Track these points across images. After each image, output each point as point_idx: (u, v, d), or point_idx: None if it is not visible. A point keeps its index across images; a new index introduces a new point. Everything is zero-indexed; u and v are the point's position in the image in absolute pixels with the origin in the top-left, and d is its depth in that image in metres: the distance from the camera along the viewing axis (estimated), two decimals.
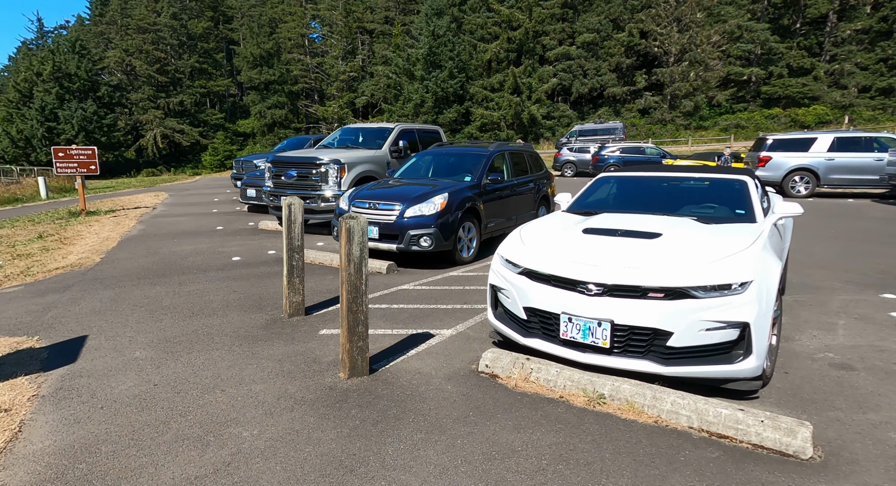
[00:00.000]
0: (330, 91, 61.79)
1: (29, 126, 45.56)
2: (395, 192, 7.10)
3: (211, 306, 5.05)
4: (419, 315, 4.84)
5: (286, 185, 9.28)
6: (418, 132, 11.05)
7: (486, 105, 47.65)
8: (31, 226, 11.50)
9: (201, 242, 8.59)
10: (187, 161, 54.96)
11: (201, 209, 13.28)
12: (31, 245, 8.99)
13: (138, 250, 7.91)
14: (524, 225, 4.37)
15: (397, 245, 6.58)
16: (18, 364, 3.62)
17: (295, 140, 16.82)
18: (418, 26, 48.94)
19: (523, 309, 3.61)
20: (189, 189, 20.88)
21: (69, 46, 48.81)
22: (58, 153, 12.08)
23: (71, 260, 7.40)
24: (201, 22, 64.34)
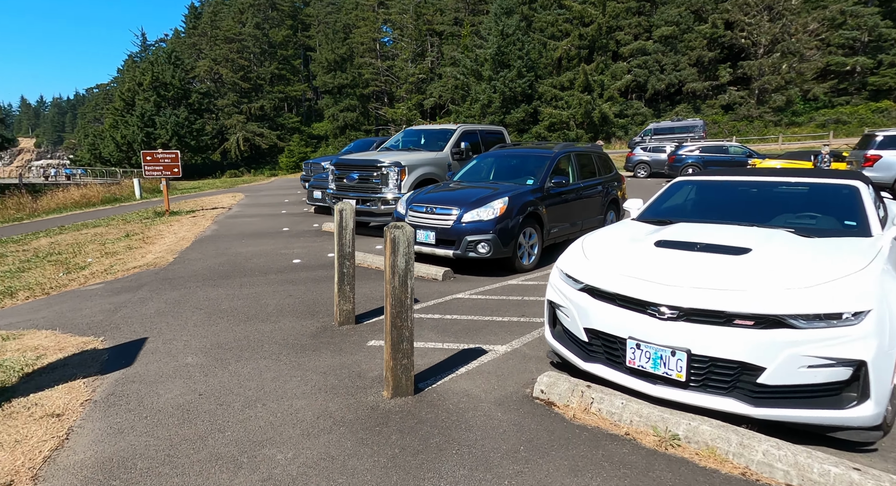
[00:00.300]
0: (399, 93, 62.93)
1: (131, 132, 50.02)
2: (453, 195, 6.87)
3: (266, 311, 5.06)
4: (473, 328, 4.57)
5: (348, 187, 9.33)
6: (481, 133, 10.77)
7: (555, 104, 46.49)
8: (122, 225, 12.42)
9: (266, 243, 8.81)
10: (266, 163, 58.07)
11: (271, 210, 13.77)
12: (118, 243, 9.64)
13: (208, 251, 8.23)
14: (587, 235, 3.98)
15: (454, 251, 6.34)
16: (80, 366, 3.73)
17: (361, 142, 17.08)
18: (487, 26, 48.62)
19: (584, 330, 3.24)
20: (264, 190, 21.86)
21: (166, 58, 53.10)
22: (146, 157, 12.96)
23: (148, 259, 7.81)
24: (281, 30, 67.74)
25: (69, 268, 8.02)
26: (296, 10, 73.88)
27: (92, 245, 9.83)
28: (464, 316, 4.89)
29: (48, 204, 20.76)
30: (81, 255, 8.99)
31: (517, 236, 6.50)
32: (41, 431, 2.81)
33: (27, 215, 19.36)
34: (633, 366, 2.98)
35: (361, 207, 9.09)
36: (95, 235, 11.04)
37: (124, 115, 52.05)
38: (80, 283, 6.90)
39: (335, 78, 61.83)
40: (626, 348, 3.01)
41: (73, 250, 9.52)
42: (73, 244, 10.23)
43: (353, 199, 9.16)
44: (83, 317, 5.03)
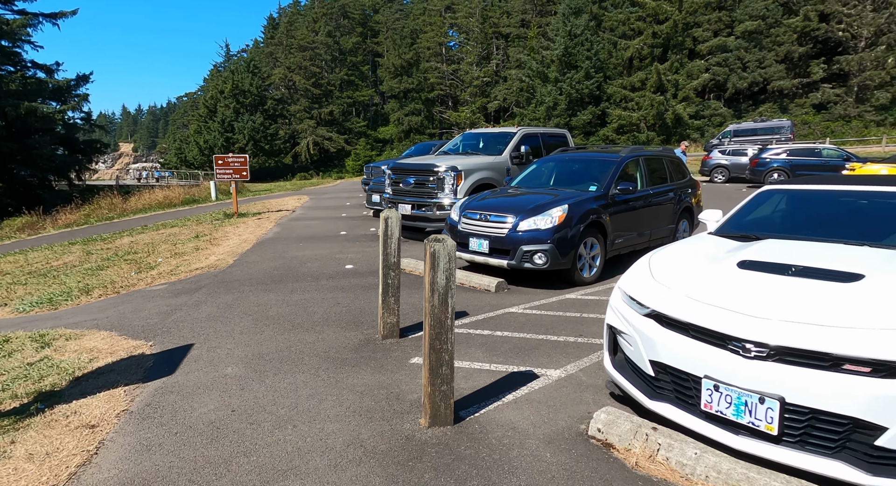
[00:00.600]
0: (463, 97, 63.01)
1: (212, 136, 53.35)
2: (509, 202, 6.51)
3: (311, 319, 4.95)
4: (524, 347, 4.20)
5: (404, 192, 9.20)
6: (542, 136, 10.31)
7: (625, 105, 44.67)
8: (194, 226, 13.04)
9: (322, 247, 8.85)
10: (333, 166, 60.04)
11: (332, 213, 13.97)
12: (188, 244, 10.07)
13: (267, 254, 8.36)
14: (655, 252, 3.51)
15: (508, 261, 5.99)
16: (125, 372, 3.75)
17: (421, 146, 17.03)
18: (554, 27, 47.61)
19: (650, 363, 2.80)
20: (328, 193, 22.42)
21: (245, 67, 56.29)
22: (218, 161, 13.55)
23: (210, 261, 8.04)
24: (352, 37, 69.96)
25: (141, 267, 8.43)
26: (366, 17, 76.07)
27: (164, 245, 10.33)
28: (516, 333, 4.53)
29: (135, 204, 22.39)
30: (154, 254, 9.45)
31: (577, 247, 6.04)
32: (73, 443, 2.77)
33: (117, 215, 20.97)
34: (710, 411, 2.52)
35: (417, 212, 8.93)
36: (169, 236, 11.64)
37: (207, 121, 55.67)
38: (147, 283, 7.19)
39: (401, 82, 62.97)
40: (701, 388, 2.55)
41: (147, 250, 10.04)
42: (148, 244, 10.82)
43: (409, 204, 9.02)
44: (140, 319, 5.16)
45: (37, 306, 6.93)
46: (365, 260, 7.70)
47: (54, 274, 9.08)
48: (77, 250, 11.61)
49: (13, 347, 4.64)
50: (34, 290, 8.14)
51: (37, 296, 7.47)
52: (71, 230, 18.02)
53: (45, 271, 9.60)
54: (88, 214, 20.78)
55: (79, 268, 9.35)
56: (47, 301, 7.04)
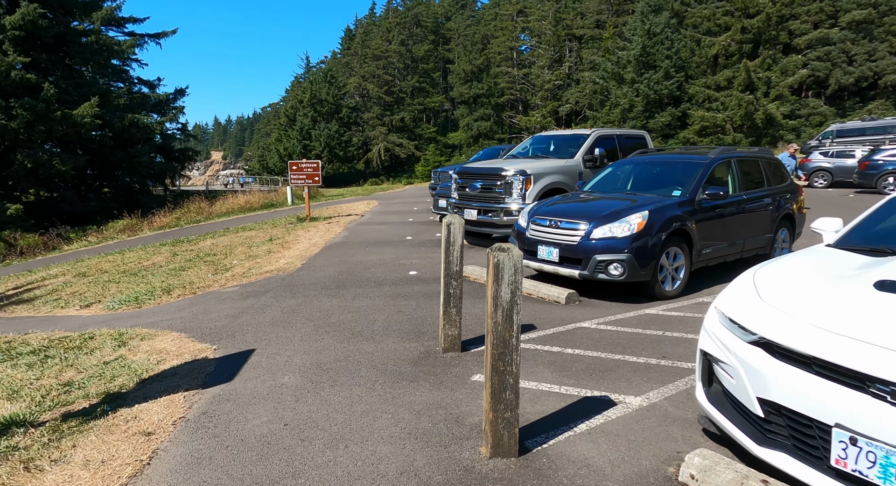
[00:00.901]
0: (534, 101, 62.11)
1: (291, 144, 56.19)
2: (581, 208, 6.07)
3: (372, 328, 4.80)
4: (599, 368, 3.78)
5: (470, 197, 8.95)
6: (619, 138, 9.69)
7: (709, 106, 41.96)
8: (269, 229, 13.56)
9: (388, 252, 8.79)
10: (403, 171, 61.23)
11: (399, 218, 14.02)
12: (261, 247, 10.41)
13: (333, 258, 8.41)
14: (761, 266, 2.99)
15: (580, 271, 5.54)
16: (188, 376, 3.75)
17: (490, 150, 16.76)
18: (632, 26, 45.74)
19: (758, 401, 2.33)
20: (396, 198, 22.69)
21: (322, 77, 58.91)
22: (292, 167, 14.03)
23: (280, 264, 8.20)
24: (424, 45, 71.22)
25: (217, 269, 8.78)
26: (438, 25, 77.18)
27: (241, 248, 10.76)
28: (589, 351, 4.11)
29: (220, 208, 23.86)
30: (230, 257, 9.84)
31: (658, 257, 5.49)
32: (128, 451, 2.74)
33: (204, 218, 22.43)
34: (844, 469, 2.02)
35: (483, 217, 8.65)
36: (246, 239, 12.14)
37: (287, 129, 58.75)
38: (221, 285, 7.43)
39: (471, 88, 63.19)
40: (830, 439, 2.06)
41: (225, 252, 10.50)
42: (227, 246, 11.33)
43: (475, 209, 8.76)
44: (209, 321, 5.25)
45: (124, 304, 7.35)
46: (429, 266, 7.52)
47: (143, 274, 9.69)
48: (165, 251, 12.40)
49: (95, 344, 4.87)
50: (125, 288, 8.70)
51: (125, 295, 7.96)
52: (164, 232, 19.46)
53: (135, 271, 10.29)
54: (179, 218, 22.38)
55: (164, 268, 9.93)
56: (133, 300, 7.46)
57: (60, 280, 11.03)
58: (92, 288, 9.27)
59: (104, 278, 10.02)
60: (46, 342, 5.30)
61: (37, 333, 6.18)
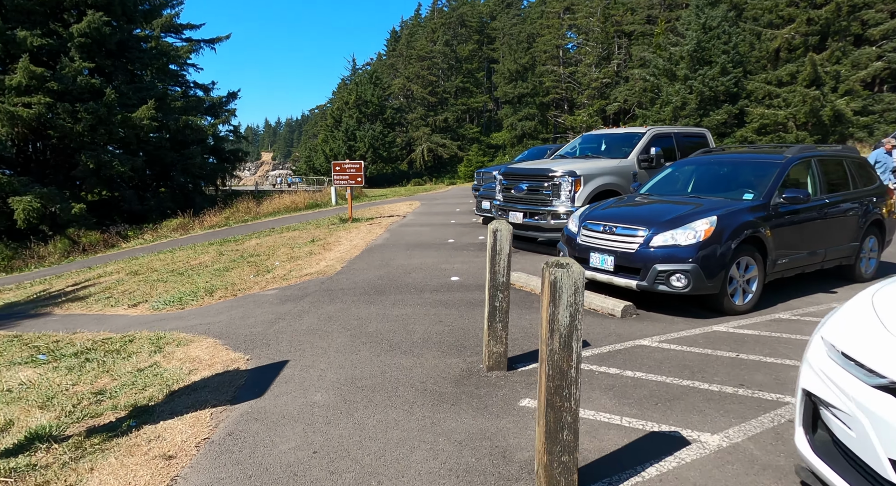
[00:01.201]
0: (580, 100, 60.71)
1: (337, 145, 57.17)
2: (639, 212, 5.57)
3: (411, 339, 4.51)
4: (666, 396, 3.34)
5: (516, 199, 8.55)
6: (677, 137, 9.04)
7: (769, 103, 39.64)
8: (312, 230, 13.59)
9: (429, 255, 8.51)
10: (446, 172, 61.16)
11: (441, 219, 13.74)
12: (303, 248, 10.37)
13: (374, 261, 8.21)
14: (881, 287, 2.47)
15: (638, 282, 5.06)
16: (217, 390, 3.57)
17: (535, 150, 16.27)
18: (686, 21, 43.86)
19: (891, 463, 1.86)
20: (439, 199, 22.47)
21: (367, 78, 59.66)
22: (335, 168, 14.01)
23: (320, 267, 8.07)
24: (468, 45, 71.00)
25: (259, 270, 8.76)
26: (483, 24, 76.78)
27: (283, 249, 10.77)
28: (652, 375, 3.66)
29: (267, 208, 24.38)
30: (272, 258, 9.84)
31: (728, 268, 4.94)
32: (146, 478, 2.54)
33: (251, 218, 22.97)
34: None
35: (529, 220, 8.23)
36: (289, 239, 12.18)
37: (333, 130, 59.83)
38: (262, 287, 7.36)
39: (516, 87, 62.50)
40: None
41: (268, 253, 10.52)
42: (270, 247, 11.38)
43: (521, 211, 8.35)
44: (246, 327, 5.11)
45: (168, 304, 7.40)
46: (471, 272, 7.18)
47: (189, 273, 9.82)
48: (212, 250, 12.62)
49: (133, 348, 4.81)
50: (171, 288, 8.82)
51: (170, 295, 8.04)
52: (213, 231, 20.01)
53: (183, 270, 10.46)
54: (228, 217, 23.00)
55: (210, 268, 10.04)
56: (177, 300, 7.50)
57: (114, 278, 11.38)
58: (141, 287, 9.47)
59: (153, 277, 10.23)
60: (90, 344, 5.31)
61: (83, 332, 6.27)
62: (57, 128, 19.28)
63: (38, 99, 18.83)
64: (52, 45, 19.93)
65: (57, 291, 11.31)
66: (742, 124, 41.84)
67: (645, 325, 4.83)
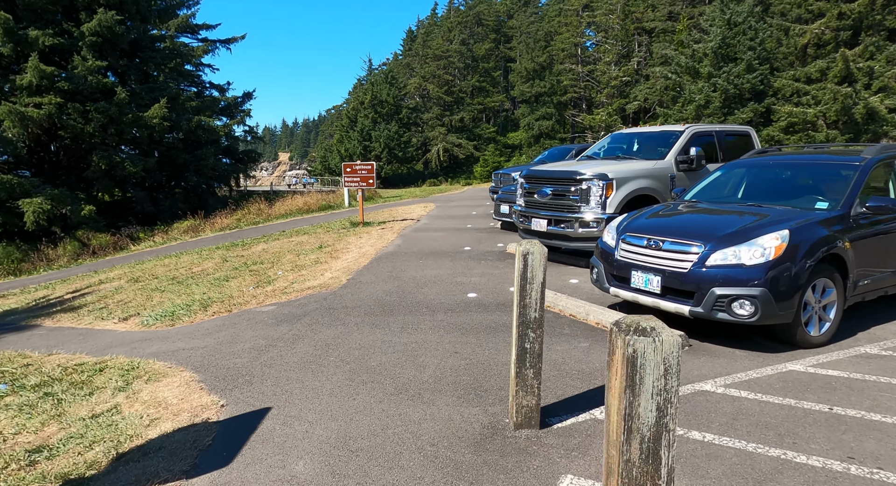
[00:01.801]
0: (599, 98, 59.46)
1: (352, 145, 56.77)
2: (690, 223, 4.75)
3: (420, 378, 3.76)
4: (753, 476, 2.53)
5: (539, 204, 7.75)
6: (718, 136, 8.16)
7: (797, 100, 38.11)
8: (322, 234, 12.94)
9: (444, 266, 7.75)
10: (462, 172, 60.39)
11: (457, 224, 12.98)
12: (309, 256, 9.70)
13: (383, 272, 7.48)
14: None
15: (691, 308, 4.24)
16: (174, 454, 2.85)
17: (556, 150, 15.44)
18: (710, 16, 42.47)
19: None
20: (454, 200, 21.71)
21: (383, 78, 59.17)
22: (346, 169, 13.35)
23: (325, 278, 7.38)
24: (485, 44, 70.15)
25: (260, 281, 8.10)
26: (499, 23, 75.84)
27: (289, 255, 10.11)
28: (727, 440, 2.86)
29: (279, 210, 23.87)
30: (276, 266, 9.18)
31: (803, 291, 4.10)
32: None
33: (263, 219, 22.48)
34: None
35: (553, 228, 7.43)
36: (297, 245, 11.54)
37: (348, 131, 59.46)
38: (259, 301, 6.69)
39: (533, 87, 61.52)
40: None
41: (273, 260, 9.88)
42: (276, 253, 10.74)
43: (545, 218, 7.56)
44: (231, 355, 4.42)
45: (159, 319, 6.78)
46: (490, 286, 6.41)
47: (188, 283, 9.22)
48: (217, 256, 12.05)
49: (100, 382, 4.15)
50: (167, 299, 8.22)
51: (163, 308, 7.42)
52: (223, 234, 19.54)
53: (183, 278, 9.87)
54: (239, 219, 22.54)
55: (210, 276, 9.43)
56: (169, 315, 6.87)
57: (114, 285, 10.86)
58: (138, 297, 8.90)
59: (152, 286, 9.66)
60: (58, 372, 4.68)
61: (60, 354, 5.66)
62: (68, 128, 18.98)
63: (49, 99, 18.54)
64: (64, 45, 19.65)
65: (55, 298, 10.83)
66: (768, 123, 40.39)
67: (702, 361, 4.01)
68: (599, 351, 4.22)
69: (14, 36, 19.34)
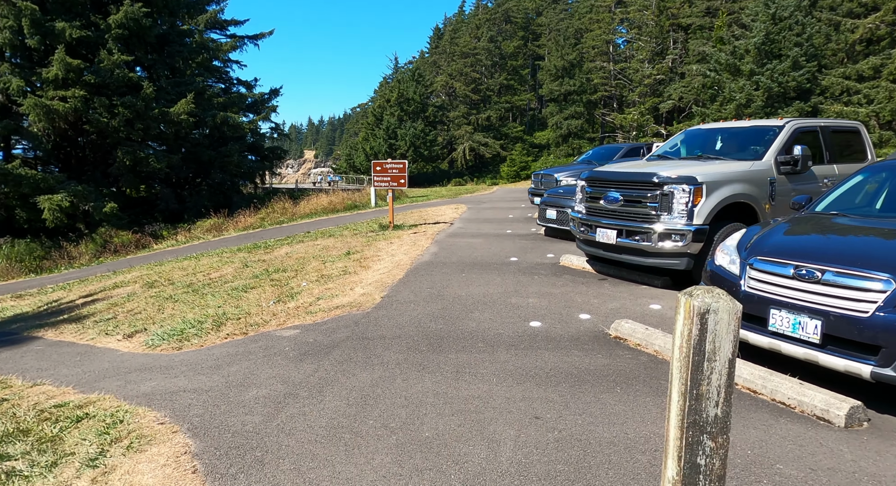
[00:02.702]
0: (631, 97, 57.51)
1: (377, 143, 56.04)
2: (859, 244, 3.56)
3: (496, 463, 2.67)
4: None
5: (605, 212, 6.57)
6: (823, 131, 6.86)
7: (847, 99, 35.85)
8: (349, 237, 11.99)
9: (492, 281, 6.65)
10: (488, 172, 59.11)
11: (495, 228, 11.86)
12: (337, 263, 8.72)
13: (422, 288, 6.42)
14: None
15: (874, 368, 3.05)
16: None
17: (602, 150, 14.21)
18: (752, 11, 40.33)
19: None
20: (485, 202, 20.58)
21: (410, 76, 58.30)
22: (375, 168, 12.36)
23: (355, 295, 6.35)
24: (513, 41, 68.73)
25: (282, 294, 7.13)
26: (528, 20, 74.29)
27: (314, 262, 9.16)
28: None
29: (304, 209, 23.09)
30: (300, 275, 8.23)
31: None
32: None
33: (287, 219, 21.71)
34: None
35: (625, 241, 6.26)
36: (322, 249, 10.59)
37: (374, 128, 58.76)
38: (280, 322, 5.70)
39: (562, 85, 59.89)
40: None
41: (296, 267, 8.94)
42: (301, 259, 9.81)
43: (613, 229, 6.39)
44: (240, 409, 3.41)
45: (166, 339, 5.87)
46: (555, 312, 5.28)
47: (204, 292, 8.33)
48: (238, 260, 11.20)
49: (70, 443, 3.18)
50: (178, 311, 7.33)
51: (173, 324, 6.52)
52: (246, 233, 18.81)
53: (200, 286, 9.01)
54: (263, 218, 21.82)
55: (229, 285, 8.54)
56: (178, 334, 5.96)
57: (128, 290, 10.08)
58: (149, 307, 8.05)
59: (166, 293, 8.82)
60: (32, 417, 3.76)
61: (45, 384, 4.76)
62: (93, 123, 18.51)
63: (75, 92, 18.08)
64: (91, 38, 19.20)
65: (67, 303, 10.12)
66: None
67: (890, 447, 2.82)
68: (808, 443, 3.06)
69: (41, 27, 18.97)
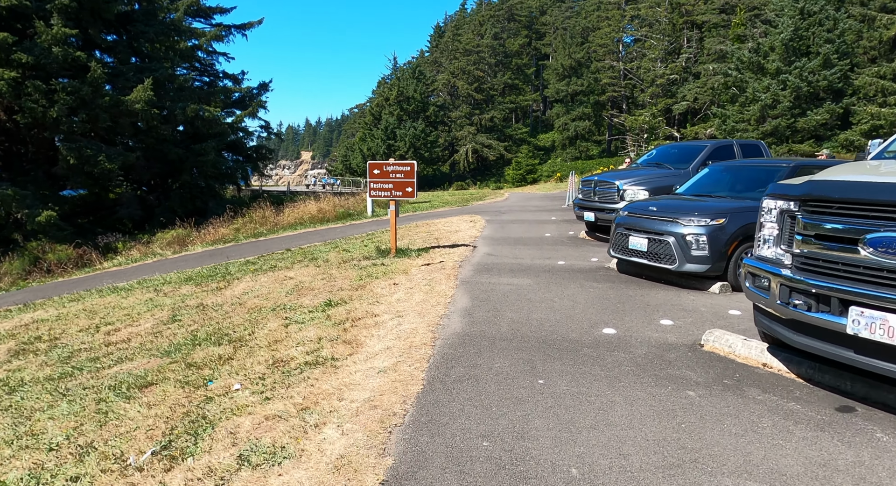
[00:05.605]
0: (642, 98, 54.36)
1: (375, 144, 52.65)
2: None
3: None
4: None
5: None
6: None
7: (882, 100, 33.05)
8: (334, 267, 8.70)
9: (592, 390, 3.35)
10: (491, 175, 55.83)
11: (539, 257, 8.57)
12: (307, 329, 5.38)
13: (470, 431, 3.10)
14: None
15: None
16: None
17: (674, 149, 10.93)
18: (777, 6, 37.30)
19: None
20: (504, 212, 17.29)
21: (410, 73, 55.07)
22: (372, 170, 9.05)
23: (340, 446, 3.03)
24: (517, 40, 65.59)
25: (182, 421, 3.77)
26: (532, 19, 71.22)
27: (274, 321, 5.84)
28: None
29: (288, 218, 19.79)
30: (242, 352, 4.92)
31: None
32: None
33: (267, 230, 18.42)
34: None
35: None
36: (294, 288, 7.30)
37: (371, 128, 55.43)
38: None
39: (569, 85, 56.72)
40: None
41: (243, 331, 5.63)
42: (257, 309, 6.51)
43: None
44: None
45: None
46: None
47: (70, 386, 4.97)
48: (174, 301, 7.87)
49: None
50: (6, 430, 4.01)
51: None
52: (214, 249, 15.48)
53: (81, 363, 5.65)
54: (239, 229, 18.48)
55: (124, 369, 5.23)
56: None
57: None
58: None
59: (14, 380, 5.45)
60: None
61: None
62: (26, 111, 15.14)
63: (2, 73, 14.69)
64: (28, 8, 15.81)
65: None
66: (847, 126, 35.26)
67: None
68: None
69: None
